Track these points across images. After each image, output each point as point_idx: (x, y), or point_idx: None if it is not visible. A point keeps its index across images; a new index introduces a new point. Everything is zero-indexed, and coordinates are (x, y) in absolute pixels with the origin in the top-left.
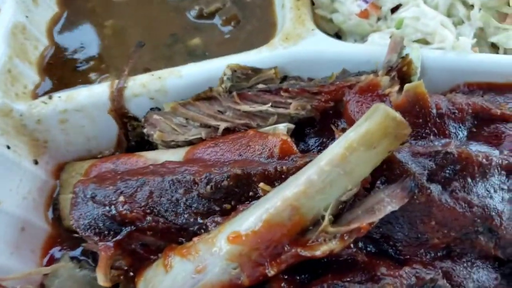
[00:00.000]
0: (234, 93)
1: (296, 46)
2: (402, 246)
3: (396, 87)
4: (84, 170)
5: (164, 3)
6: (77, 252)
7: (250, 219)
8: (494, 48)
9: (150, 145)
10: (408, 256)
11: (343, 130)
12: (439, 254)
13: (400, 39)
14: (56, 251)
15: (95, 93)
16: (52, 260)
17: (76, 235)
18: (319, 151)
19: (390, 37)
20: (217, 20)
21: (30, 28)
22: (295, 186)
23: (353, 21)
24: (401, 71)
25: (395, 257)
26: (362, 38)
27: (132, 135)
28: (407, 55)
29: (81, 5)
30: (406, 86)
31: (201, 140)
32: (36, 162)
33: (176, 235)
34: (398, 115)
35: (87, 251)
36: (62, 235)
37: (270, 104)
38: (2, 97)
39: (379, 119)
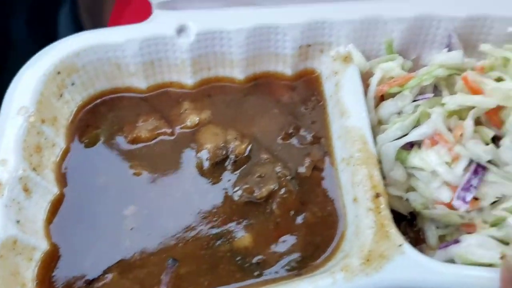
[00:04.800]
0: None
1: (381, 272)
2: None
3: None
4: None
5: (198, 181)
6: None
7: None
8: None
9: None
10: None
11: None
12: None
13: None
14: None
15: None
16: None
17: None
18: None
19: (501, 257)
20: (271, 207)
21: (22, 238)
22: None
23: (438, 211)
24: None
25: None
26: (446, 227)
27: None
28: None
29: (90, 181)
30: None
31: None
32: None
33: None
34: None
35: None
36: None
37: None
38: None
39: None
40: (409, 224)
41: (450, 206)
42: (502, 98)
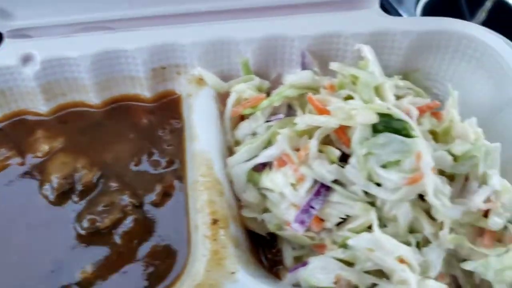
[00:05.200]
0: None
1: None
2: None
3: None
4: None
5: (44, 212)
6: None
7: None
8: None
9: None
10: None
11: None
12: None
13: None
14: None
15: None
16: None
17: None
18: None
19: (335, 282)
20: (115, 237)
21: None
22: None
23: (288, 232)
24: None
25: None
26: (301, 248)
27: None
28: None
29: None
30: None
31: None
32: None
33: None
34: None
35: None
36: None
37: None
38: None
39: None
40: (270, 245)
41: None
42: (344, 117)
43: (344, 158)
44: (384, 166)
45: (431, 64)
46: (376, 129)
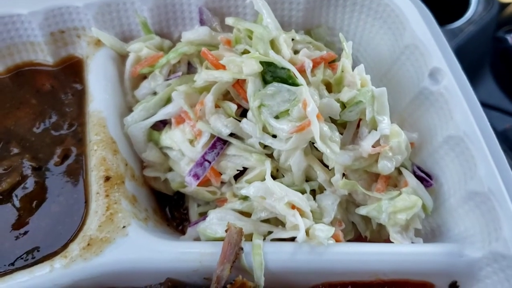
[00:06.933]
0: None
1: (101, 256)
2: None
3: None
4: None
5: None
6: None
7: None
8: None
9: None
10: None
11: None
12: None
13: (237, 236)
14: None
15: None
16: None
17: None
18: None
19: (226, 230)
20: (14, 200)
21: None
22: None
23: (191, 189)
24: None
25: None
26: (206, 203)
27: None
28: (237, 280)
29: None
30: None
31: None
32: None
33: None
34: None
35: None
36: None
37: None
38: None
39: None
40: (178, 204)
41: (199, 184)
42: (236, 71)
43: (245, 113)
44: (277, 117)
45: (333, 19)
46: (266, 81)
